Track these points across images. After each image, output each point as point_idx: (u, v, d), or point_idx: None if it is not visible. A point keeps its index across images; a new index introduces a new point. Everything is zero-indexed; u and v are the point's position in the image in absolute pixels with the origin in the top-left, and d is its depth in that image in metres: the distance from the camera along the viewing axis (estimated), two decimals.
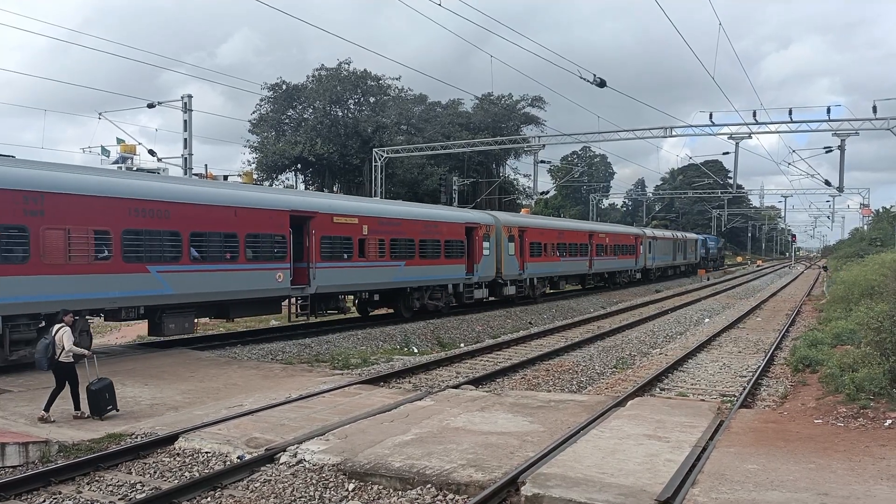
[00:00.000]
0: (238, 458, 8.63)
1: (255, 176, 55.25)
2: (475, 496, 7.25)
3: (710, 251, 77.73)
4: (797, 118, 34.40)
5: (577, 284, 41.17)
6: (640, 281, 50.28)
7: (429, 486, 7.63)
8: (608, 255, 43.14)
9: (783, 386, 14.23)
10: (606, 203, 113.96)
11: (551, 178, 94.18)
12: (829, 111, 33.94)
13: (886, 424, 10.07)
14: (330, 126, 58.44)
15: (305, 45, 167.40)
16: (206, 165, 43.30)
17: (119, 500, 7.61)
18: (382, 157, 42.99)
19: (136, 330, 22.59)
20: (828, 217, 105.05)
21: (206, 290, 17.24)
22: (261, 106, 61.28)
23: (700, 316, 29.02)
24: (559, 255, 35.86)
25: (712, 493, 7.17)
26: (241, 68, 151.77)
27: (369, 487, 7.79)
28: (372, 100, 62.72)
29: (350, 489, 7.77)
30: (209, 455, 8.82)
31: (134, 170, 44.83)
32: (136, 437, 9.47)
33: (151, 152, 34.28)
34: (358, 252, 21.86)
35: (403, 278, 23.98)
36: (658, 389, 14.22)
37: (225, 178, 35.72)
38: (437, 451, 8.64)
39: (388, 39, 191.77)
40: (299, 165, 60.58)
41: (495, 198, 65.50)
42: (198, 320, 18.43)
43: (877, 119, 32.88)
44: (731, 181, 61.78)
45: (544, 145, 43.53)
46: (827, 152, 40.21)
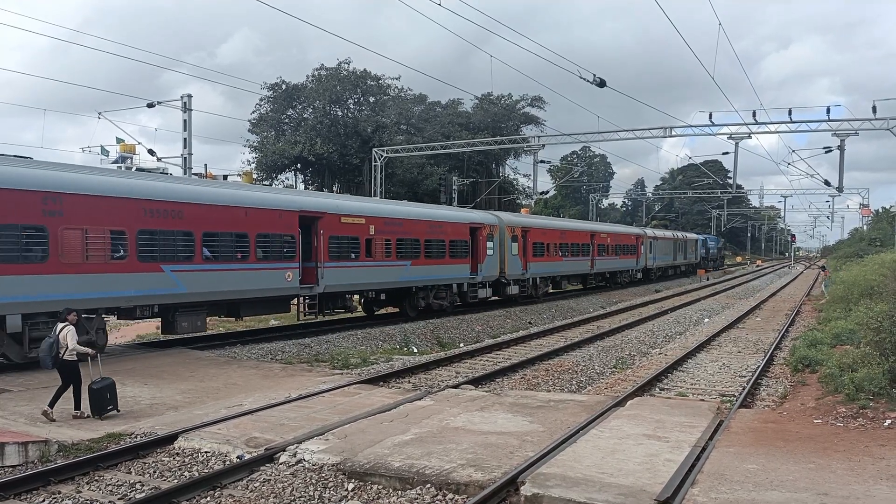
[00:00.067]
0: (238, 457, 8.63)
1: (254, 176, 55.19)
2: (475, 496, 7.24)
3: (710, 251, 77.75)
4: (797, 118, 34.50)
5: (578, 284, 41.25)
6: (641, 281, 50.35)
7: (428, 485, 7.63)
8: (610, 255, 43.19)
9: (783, 386, 14.23)
10: (606, 203, 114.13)
11: (551, 178, 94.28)
12: (828, 111, 34.06)
13: (886, 424, 10.07)
14: (330, 126, 58.44)
15: (305, 45, 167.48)
16: (206, 165, 43.24)
17: (118, 499, 7.61)
18: (382, 156, 43.00)
19: (135, 329, 22.59)
20: (827, 217, 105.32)
21: (218, 289, 17.40)
22: (260, 106, 61.41)
23: (700, 316, 29.03)
24: (562, 255, 35.97)
25: (712, 492, 7.17)
26: (241, 68, 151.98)
27: (369, 487, 7.79)
28: (372, 99, 62.73)
29: (349, 489, 7.77)
30: (209, 455, 8.82)
31: (134, 170, 44.84)
32: (136, 437, 9.47)
33: (151, 152, 34.27)
34: (365, 252, 21.99)
35: (409, 278, 24.10)
36: (658, 389, 14.22)
37: (224, 177, 35.66)
38: (437, 450, 8.64)
39: (388, 39, 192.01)
40: (299, 165, 60.59)
41: (495, 198, 65.48)
42: (208, 319, 18.52)
43: (876, 119, 32.91)
44: (730, 181, 61.98)
45: (544, 145, 43.58)
46: (826, 152, 40.27)
